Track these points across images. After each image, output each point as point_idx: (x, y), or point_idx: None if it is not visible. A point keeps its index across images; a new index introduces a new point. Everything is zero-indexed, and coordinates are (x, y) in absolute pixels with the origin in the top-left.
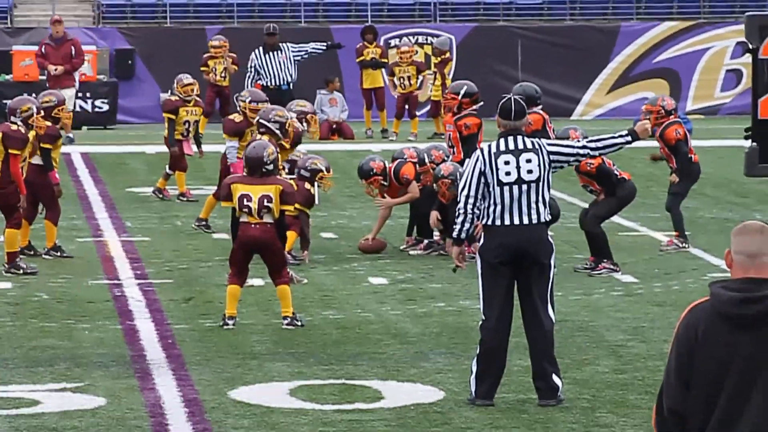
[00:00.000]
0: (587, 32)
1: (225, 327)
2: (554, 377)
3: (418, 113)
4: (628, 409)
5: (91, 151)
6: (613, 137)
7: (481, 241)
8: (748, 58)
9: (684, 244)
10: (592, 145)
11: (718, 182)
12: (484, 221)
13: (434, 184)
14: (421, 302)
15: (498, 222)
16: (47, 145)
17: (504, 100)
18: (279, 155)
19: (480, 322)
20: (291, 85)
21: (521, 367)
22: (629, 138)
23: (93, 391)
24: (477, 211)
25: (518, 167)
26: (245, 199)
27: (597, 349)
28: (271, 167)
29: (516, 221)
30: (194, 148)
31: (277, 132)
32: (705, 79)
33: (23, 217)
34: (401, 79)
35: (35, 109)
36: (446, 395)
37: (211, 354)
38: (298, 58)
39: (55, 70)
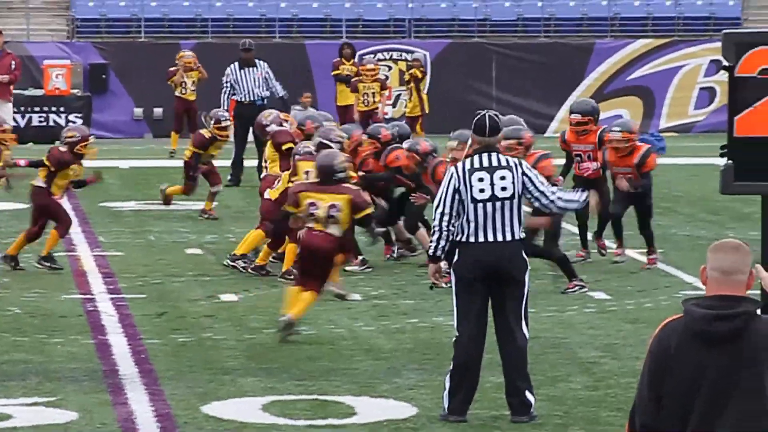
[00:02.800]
0: (562, 49)
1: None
2: (527, 394)
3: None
4: (600, 426)
5: None
6: (575, 195)
7: (456, 257)
8: (721, 75)
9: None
10: (561, 203)
11: (691, 200)
12: (458, 238)
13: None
14: (394, 318)
15: (472, 239)
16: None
17: (478, 116)
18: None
19: (454, 338)
20: (265, 100)
21: (494, 384)
22: (586, 196)
23: (65, 406)
24: (452, 228)
25: (492, 184)
26: (312, 207)
27: (570, 366)
28: (342, 175)
29: (490, 238)
30: None
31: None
32: (679, 96)
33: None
34: (365, 95)
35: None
36: (419, 411)
37: (184, 369)
38: (268, 78)
39: (4, 78)
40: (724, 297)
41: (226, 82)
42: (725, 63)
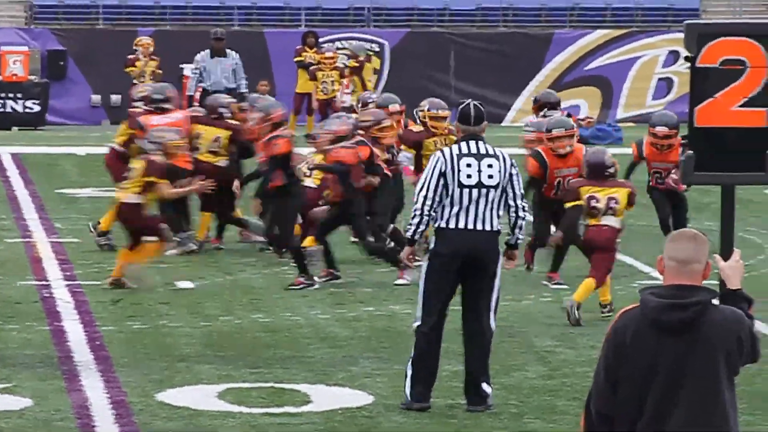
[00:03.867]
0: (520, 39)
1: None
2: (485, 385)
3: None
4: (556, 414)
5: (21, 152)
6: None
7: (433, 244)
8: (679, 66)
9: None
10: (523, 220)
11: None
12: (437, 224)
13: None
14: (351, 306)
15: (452, 224)
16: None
17: (463, 105)
18: None
19: (416, 326)
20: (231, 91)
21: (450, 372)
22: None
23: (20, 392)
24: (433, 214)
25: (480, 171)
26: (593, 200)
27: (526, 355)
28: (612, 171)
29: (470, 226)
30: None
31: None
32: (636, 87)
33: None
34: (324, 84)
35: None
36: (375, 399)
37: (139, 356)
38: (236, 70)
39: None
40: (680, 286)
41: (195, 69)
42: (686, 53)
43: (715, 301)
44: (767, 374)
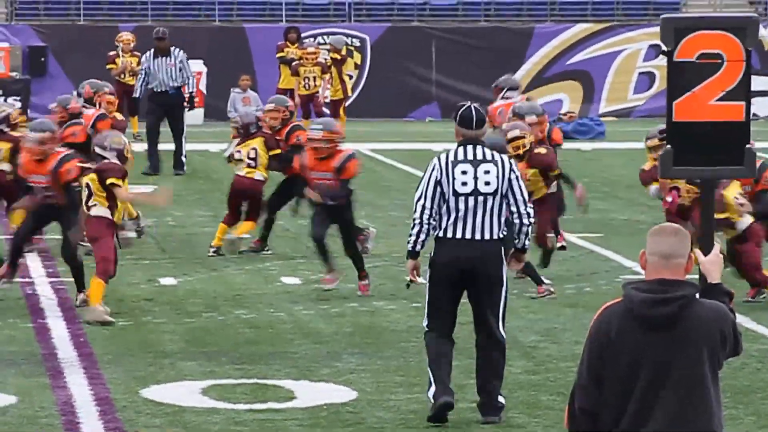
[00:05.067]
0: (501, 33)
1: None
2: (499, 397)
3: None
4: (540, 409)
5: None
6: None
7: (433, 253)
8: (660, 60)
9: None
10: (528, 222)
11: (630, 184)
12: (436, 233)
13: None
14: (334, 302)
15: (450, 234)
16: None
17: (464, 108)
18: None
19: (424, 332)
20: (180, 90)
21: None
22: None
23: (4, 389)
24: (433, 222)
25: (476, 178)
26: (741, 199)
27: (510, 350)
28: None
29: (468, 235)
30: None
31: (116, 160)
32: (618, 81)
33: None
34: (306, 80)
35: None
36: (358, 395)
37: (123, 353)
38: (183, 68)
39: None
40: (663, 281)
41: (141, 70)
42: (664, 48)
43: (697, 295)
44: (750, 368)
